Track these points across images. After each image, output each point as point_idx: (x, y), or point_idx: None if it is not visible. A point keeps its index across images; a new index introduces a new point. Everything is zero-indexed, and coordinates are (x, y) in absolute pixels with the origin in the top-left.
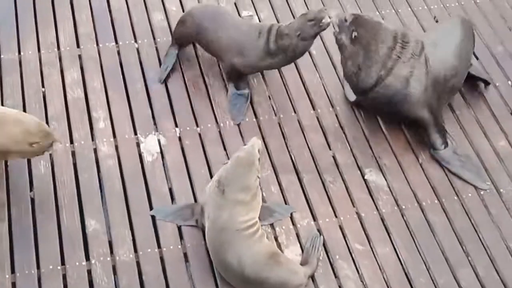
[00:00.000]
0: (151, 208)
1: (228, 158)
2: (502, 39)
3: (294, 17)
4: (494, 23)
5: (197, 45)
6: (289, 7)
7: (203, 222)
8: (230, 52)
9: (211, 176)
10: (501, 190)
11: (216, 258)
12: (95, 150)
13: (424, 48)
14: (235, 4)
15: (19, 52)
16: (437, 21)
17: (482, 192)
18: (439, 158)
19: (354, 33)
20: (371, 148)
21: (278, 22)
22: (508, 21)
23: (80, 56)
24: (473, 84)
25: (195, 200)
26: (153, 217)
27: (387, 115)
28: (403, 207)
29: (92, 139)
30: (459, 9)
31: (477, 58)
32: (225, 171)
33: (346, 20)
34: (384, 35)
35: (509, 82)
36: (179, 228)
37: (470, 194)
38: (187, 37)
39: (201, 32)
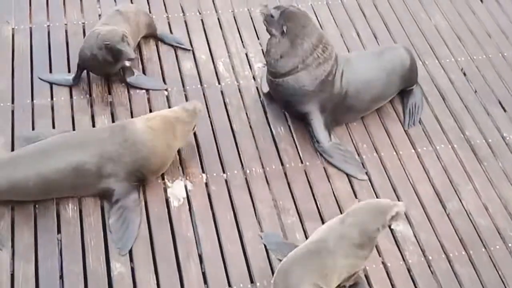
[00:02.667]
0: (176, 252)
1: (253, 206)
2: None
3: None
4: None
5: (226, 93)
6: None
7: None
8: None
9: (237, 223)
10: None
11: None
12: None
13: (337, 56)
14: (263, 54)
15: (52, 98)
16: (464, 74)
17: (510, 244)
18: (322, 152)
19: (284, 27)
20: (397, 196)
21: None
22: None
23: (111, 103)
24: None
25: (220, 246)
26: (177, 262)
27: (285, 107)
28: (430, 258)
29: None
30: (486, 61)
31: (504, 110)
32: (356, 206)
33: (273, 16)
34: (311, 31)
35: None
36: (203, 273)
37: (498, 246)
38: None
39: None
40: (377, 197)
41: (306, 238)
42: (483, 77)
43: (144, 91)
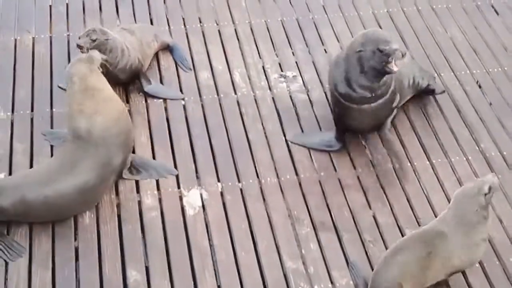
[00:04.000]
0: (191, 261)
1: (268, 215)
2: None
3: None
4: None
5: (242, 103)
6: None
7: None
8: None
9: (251, 232)
10: None
11: None
12: (139, 202)
13: None
14: (280, 66)
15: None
16: (480, 86)
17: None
18: (386, 140)
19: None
20: (411, 208)
21: (321, 84)
22: None
23: (129, 111)
24: None
25: (235, 256)
26: (193, 271)
27: (367, 130)
28: None
29: (137, 191)
30: (502, 74)
31: None
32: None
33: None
34: None
35: None
36: (219, 286)
37: (511, 259)
38: None
39: None
40: (391, 209)
41: (320, 248)
42: (499, 89)
43: (161, 100)
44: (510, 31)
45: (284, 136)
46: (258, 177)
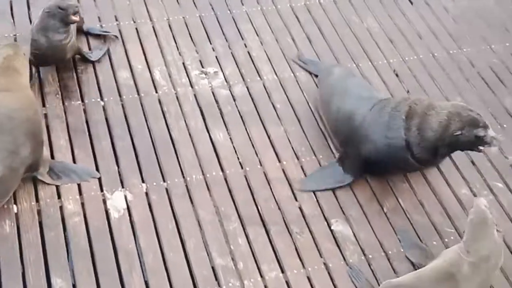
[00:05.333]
0: (117, 264)
1: (195, 213)
2: (460, 90)
3: (259, 74)
4: (452, 75)
5: (163, 102)
6: (253, 63)
7: None
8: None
9: (179, 231)
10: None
11: None
12: (61, 208)
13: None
14: (200, 62)
15: None
16: (397, 75)
17: (446, 240)
18: None
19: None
20: (336, 198)
21: (243, 79)
22: (465, 73)
23: (46, 115)
24: None
25: (163, 256)
26: (120, 275)
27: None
28: (370, 256)
29: (58, 197)
30: (417, 62)
31: None
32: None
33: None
34: None
35: None
36: (147, 285)
37: (434, 242)
38: None
39: None
40: (316, 200)
41: (249, 242)
42: (415, 77)
43: (79, 102)
44: (424, 20)
45: (208, 133)
46: (183, 175)
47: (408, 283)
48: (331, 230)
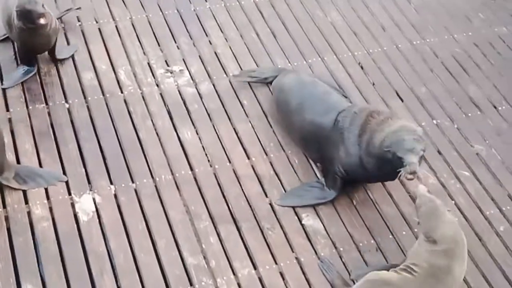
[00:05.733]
0: (88, 267)
1: (165, 213)
2: (424, 80)
3: (225, 71)
4: (416, 66)
5: (129, 102)
6: (219, 60)
7: None
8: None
9: (149, 232)
10: None
11: None
12: (28, 213)
13: None
14: (165, 61)
15: None
16: (362, 67)
17: (416, 230)
18: None
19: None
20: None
21: (209, 77)
22: (429, 63)
23: (10, 119)
24: None
25: (134, 258)
26: (91, 278)
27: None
28: (341, 249)
29: (26, 202)
30: (382, 54)
31: (401, 100)
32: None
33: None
34: None
35: (434, 121)
36: (119, 287)
37: (404, 232)
38: None
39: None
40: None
41: (220, 241)
42: (380, 69)
43: (43, 105)
44: (387, 12)
45: (176, 131)
46: (152, 175)
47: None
48: (302, 225)
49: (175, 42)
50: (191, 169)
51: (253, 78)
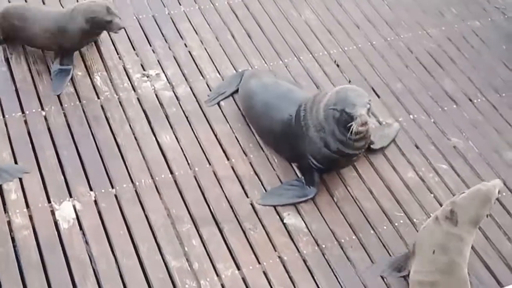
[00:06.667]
0: (71, 274)
1: (146, 217)
2: (400, 76)
3: (201, 74)
4: (391, 62)
5: (106, 107)
6: (195, 63)
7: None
8: (50, 37)
9: (131, 237)
10: (415, 220)
11: None
12: (8, 222)
13: None
14: (141, 65)
15: None
16: (338, 65)
17: (396, 224)
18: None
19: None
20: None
21: (186, 80)
22: (404, 59)
23: None
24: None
25: (117, 263)
26: (73, 282)
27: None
28: (323, 246)
29: (5, 211)
30: (357, 52)
31: (378, 96)
32: (459, 202)
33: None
34: None
35: (411, 116)
36: None
37: (385, 227)
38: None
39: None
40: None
41: (203, 243)
42: (356, 67)
43: (20, 113)
44: (360, 9)
45: (154, 135)
46: (132, 180)
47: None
48: (284, 224)
49: (151, 46)
50: (171, 172)
51: (223, 94)
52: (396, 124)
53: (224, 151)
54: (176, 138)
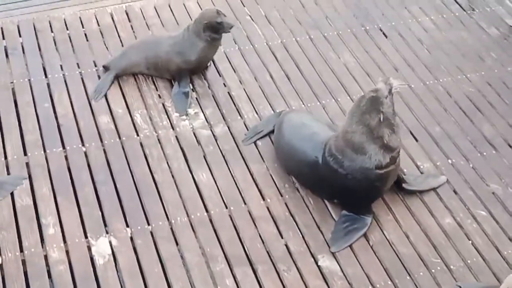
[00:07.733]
0: None
1: (181, 256)
2: (438, 120)
3: (239, 113)
4: (429, 106)
5: (145, 145)
6: (233, 102)
7: None
8: (171, 59)
9: (165, 275)
10: (451, 267)
11: None
12: (45, 257)
13: None
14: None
15: None
16: None
17: (433, 270)
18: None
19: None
20: (322, 234)
21: (224, 119)
22: (443, 103)
23: (27, 164)
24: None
25: None
26: None
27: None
28: None
29: (42, 246)
30: (395, 94)
31: (416, 140)
32: None
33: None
34: None
35: (449, 161)
36: None
37: (421, 273)
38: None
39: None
40: (302, 237)
41: (236, 283)
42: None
43: (60, 149)
44: (399, 52)
45: (191, 173)
46: (167, 218)
47: None
48: (318, 266)
49: (191, 84)
50: (207, 210)
51: (260, 133)
52: (442, 177)
53: (259, 191)
54: (213, 177)
